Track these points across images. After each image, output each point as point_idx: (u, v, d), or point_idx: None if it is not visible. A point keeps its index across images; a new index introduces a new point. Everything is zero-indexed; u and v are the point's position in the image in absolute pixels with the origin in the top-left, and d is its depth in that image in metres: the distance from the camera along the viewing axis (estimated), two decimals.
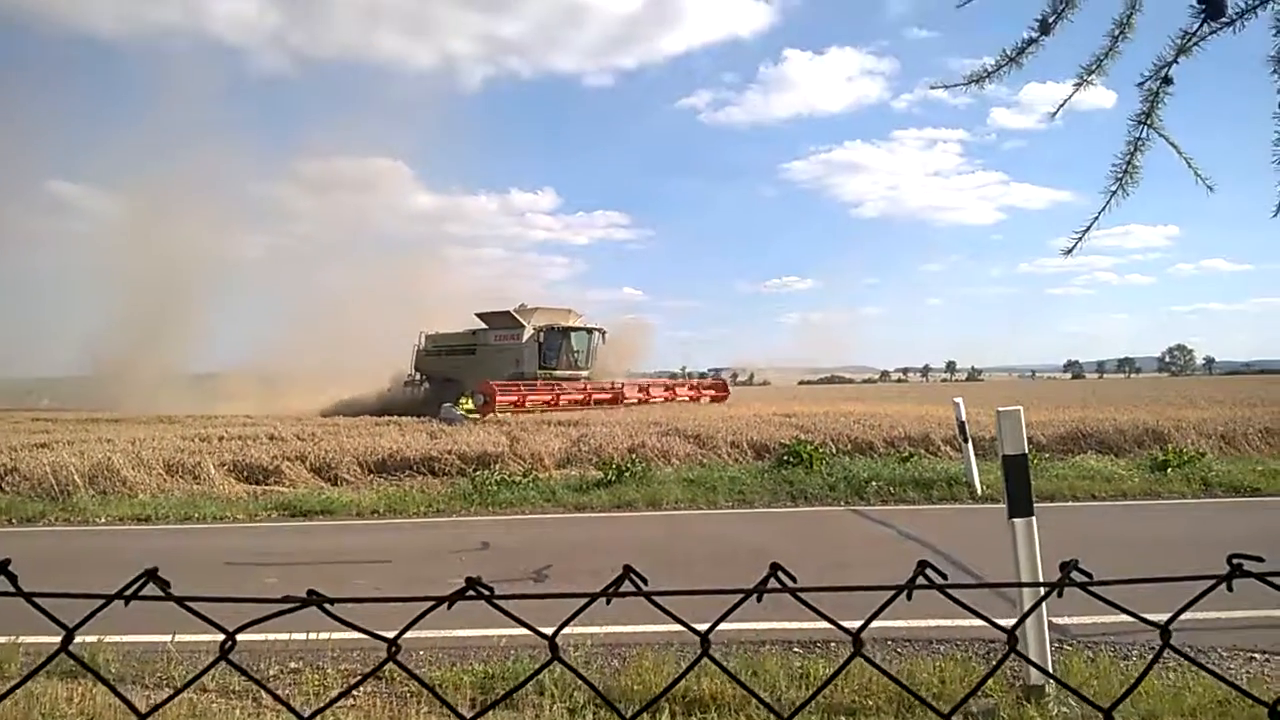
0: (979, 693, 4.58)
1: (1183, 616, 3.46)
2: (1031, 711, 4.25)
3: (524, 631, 0.98)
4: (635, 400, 32.27)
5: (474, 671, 5.06)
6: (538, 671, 1.10)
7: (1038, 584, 0.83)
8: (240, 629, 0.87)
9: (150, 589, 0.85)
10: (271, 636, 5.21)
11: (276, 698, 0.84)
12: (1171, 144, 2.12)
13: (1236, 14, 1.92)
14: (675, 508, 11.40)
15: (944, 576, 0.90)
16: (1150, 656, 1.04)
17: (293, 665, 5.23)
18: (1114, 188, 2.12)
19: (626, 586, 0.90)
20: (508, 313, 36.02)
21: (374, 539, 10.08)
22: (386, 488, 13.35)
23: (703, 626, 0.95)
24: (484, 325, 36.73)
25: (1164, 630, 0.88)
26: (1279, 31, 1.94)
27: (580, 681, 4.73)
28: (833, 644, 5.43)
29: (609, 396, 31.57)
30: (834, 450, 14.79)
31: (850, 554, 8.62)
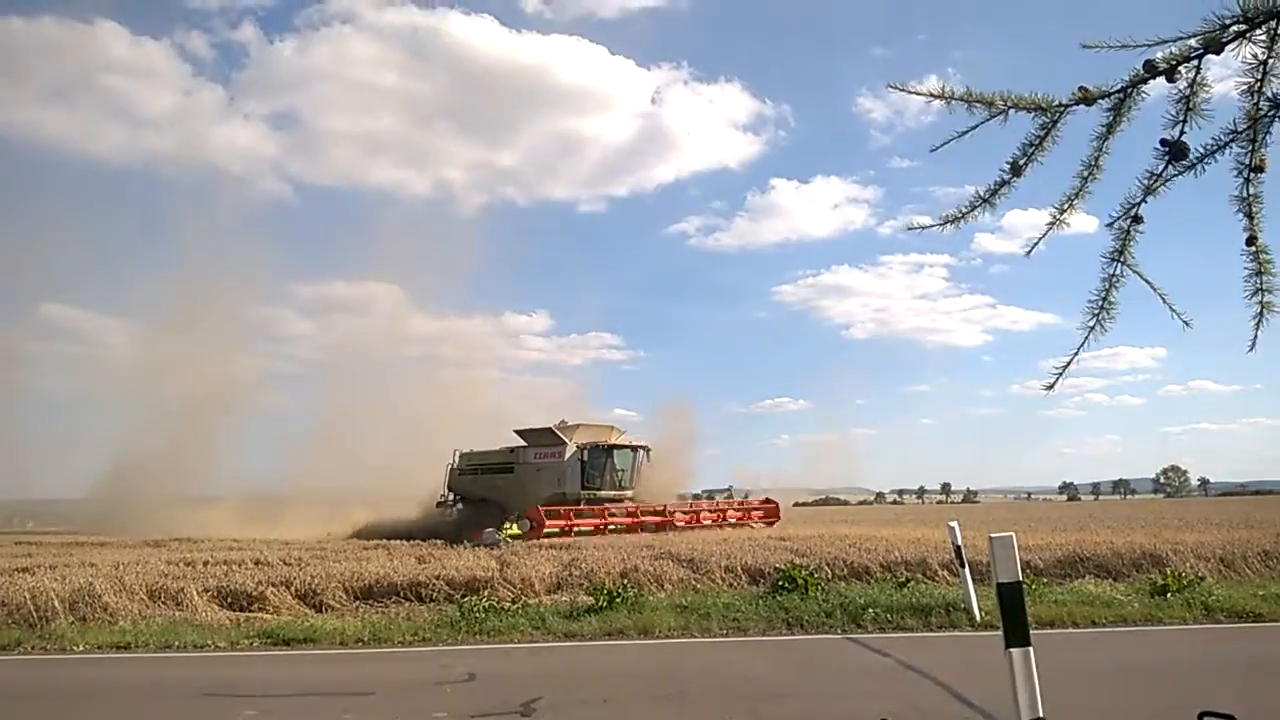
0: None
1: None
2: None
3: None
4: (684, 524, 30.34)
5: None
6: None
7: None
8: None
9: None
10: None
11: None
12: (1145, 280, 2.16)
13: (1198, 158, 2.00)
14: (668, 636, 11.12)
15: None
16: None
17: None
18: (1091, 323, 2.16)
19: None
20: (549, 430, 34.16)
21: (357, 670, 9.79)
22: (372, 615, 13.02)
23: None
24: (523, 443, 34.79)
25: None
26: (1239, 174, 2.01)
27: None
28: None
29: (657, 520, 29.83)
30: (830, 575, 14.55)
31: (848, 685, 8.37)
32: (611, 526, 28.20)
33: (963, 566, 11.49)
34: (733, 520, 32.54)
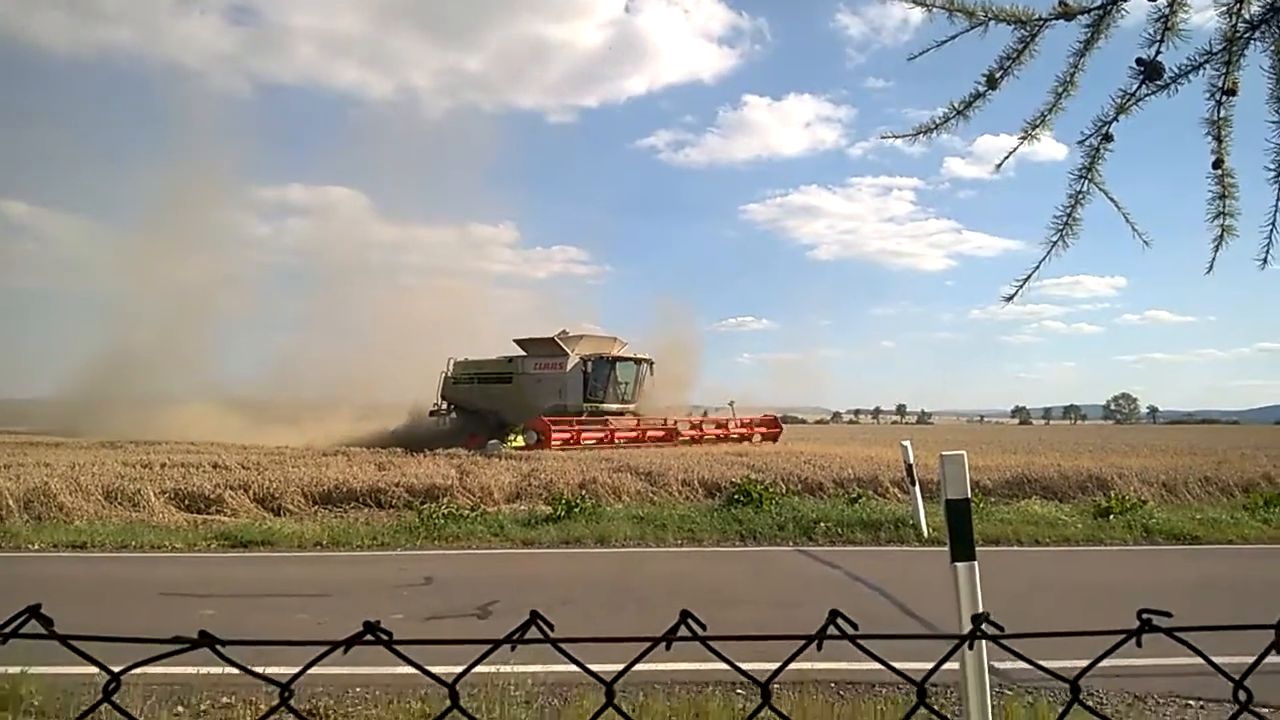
0: None
1: (1124, 663, 3.49)
2: None
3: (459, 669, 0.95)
4: (689, 439, 29.80)
5: (411, 711, 4.96)
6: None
7: (944, 636, 0.83)
8: (126, 670, 0.83)
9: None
10: (179, 670, 5.08)
11: None
12: (1111, 198, 2.17)
13: (1172, 78, 1.99)
14: (624, 545, 11.33)
15: (855, 626, 0.90)
16: (1083, 704, 1.04)
17: (204, 705, 5.09)
18: (1055, 239, 2.17)
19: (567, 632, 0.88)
20: (551, 340, 32.96)
21: (316, 572, 9.87)
22: (330, 519, 13.11)
23: (765, 666, 0.94)
24: (522, 352, 33.71)
25: (1073, 685, 0.88)
26: (1211, 96, 2.00)
27: None
28: (805, 684, 5.40)
29: (663, 434, 29.66)
30: (784, 490, 14.83)
31: (798, 594, 8.61)
32: (617, 439, 27.72)
33: (913, 484, 11.77)
34: (736, 436, 31.81)
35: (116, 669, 0.85)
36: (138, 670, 0.87)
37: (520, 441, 27.45)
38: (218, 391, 43.95)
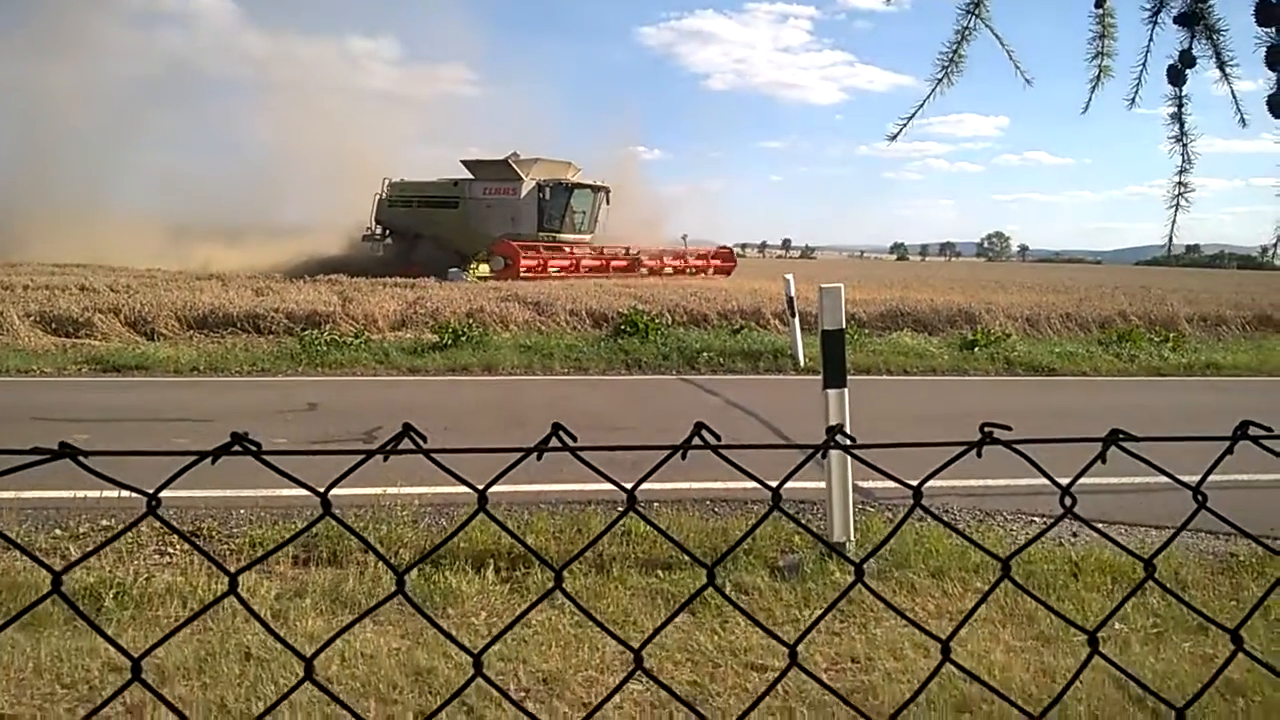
0: (788, 548, 4.90)
1: (977, 483, 3.79)
2: (832, 565, 4.58)
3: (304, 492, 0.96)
4: (647, 270, 28.74)
5: (293, 530, 5.02)
6: (307, 528, 1.10)
7: (803, 446, 0.89)
8: None
9: None
10: (53, 494, 5.02)
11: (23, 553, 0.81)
12: (995, 35, 2.18)
13: None
14: (511, 373, 11.43)
15: (718, 438, 0.95)
16: (925, 509, 1.14)
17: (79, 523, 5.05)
18: (939, 75, 2.18)
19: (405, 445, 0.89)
20: (504, 162, 30.05)
21: (194, 396, 9.68)
22: (207, 345, 12.74)
23: (628, 484, 0.97)
24: (469, 175, 30.84)
25: (916, 491, 0.96)
26: None
27: (409, 539, 4.76)
28: (683, 502, 5.65)
29: (625, 263, 28.44)
30: (670, 321, 15.07)
31: (677, 420, 8.84)
32: (582, 268, 26.84)
33: (793, 316, 12.13)
34: (691, 270, 30.89)
35: None
36: (10, 493, 0.86)
37: (485, 269, 26.21)
38: (107, 213, 40.47)
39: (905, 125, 2.26)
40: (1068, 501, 1.07)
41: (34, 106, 51.30)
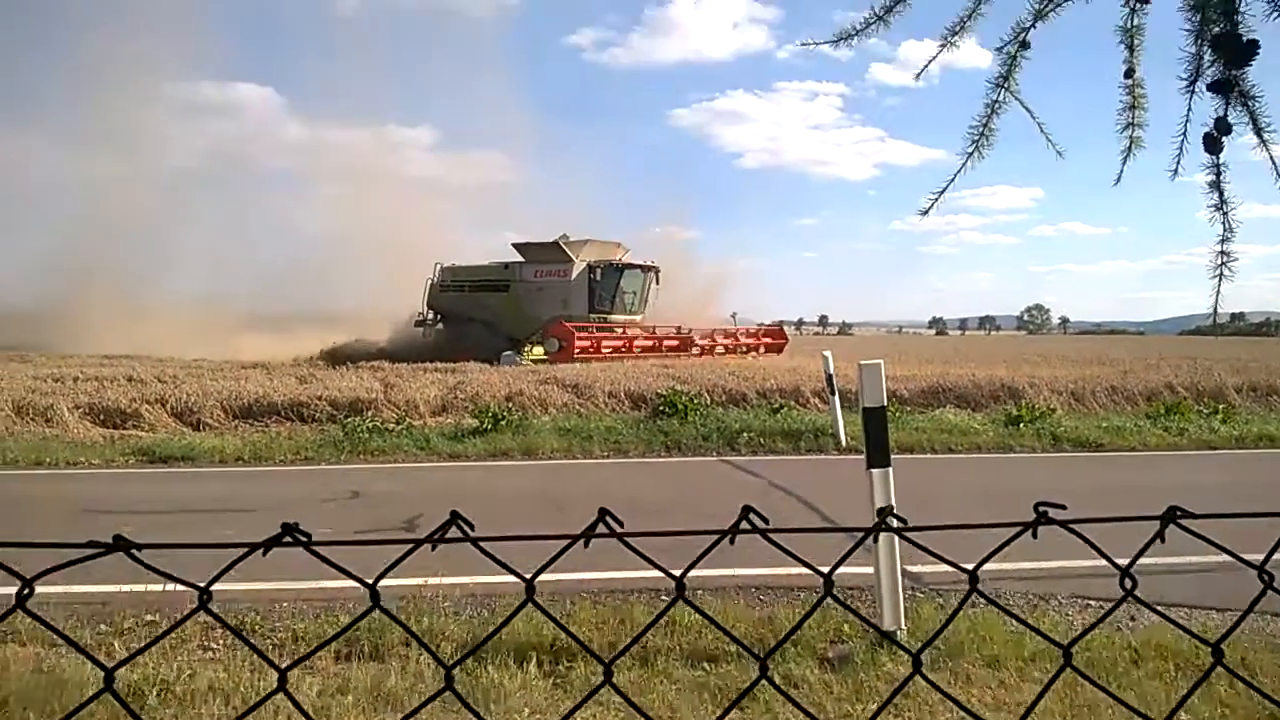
0: (837, 637, 4.77)
1: (1031, 565, 3.68)
2: (883, 655, 4.45)
3: (391, 580, 0.95)
4: (699, 351, 28.80)
5: (339, 624, 4.99)
6: (355, 621, 1.08)
7: (853, 529, 0.87)
8: (39, 576, 0.82)
9: None
10: (99, 588, 5.03)
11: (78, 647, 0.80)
12: (1025, 108, 2.19)
13: None
14: (551, 457, 11.42)
15: (766, 522, 0.93)
16: (981, 593, 1.10)
17: (128, 616, 5.05)
18: (970, 149, 2.19)
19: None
20: (555, 244, 30.30)
21: (238, 487, 9.76)
22: (252, 434, 12.90)
23: (676, 571, 0.96)
24: (520, 258, 31.08)
25: (972, 575, 0.93)
26: (1126, 3, 2.02)
27: (451, 632, 4.70)
28: (726, 589, 5.55)
29: (677, 343, 28.44)
30: (709, 401, 15.03)
31: (720, 503, 8.81)
32: (636, 348, 26.88)
33: (833, 394, 12.05)
34: (744, 349, 30.80)
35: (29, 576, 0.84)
36: (59, 587, 0.86)
37: (539, 352, 26.21)
38: (155, 303, 41.22)
39: (937, 199, 2.27)
40: (1128, 584, 1.03)
41: (83, 198, 53.12)
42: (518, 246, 31.46)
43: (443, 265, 33.01)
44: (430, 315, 32.98)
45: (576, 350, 24.95)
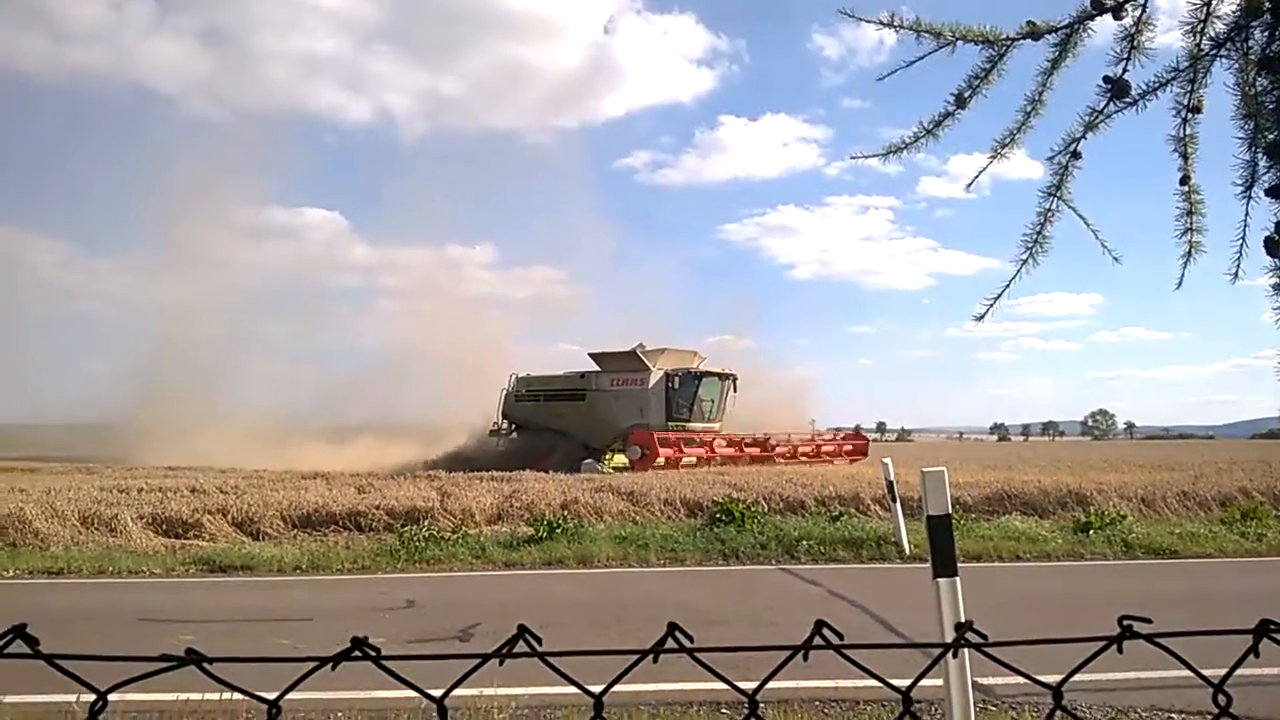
0: None
1: (1106, 676, 3.53)
2: None
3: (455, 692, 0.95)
4: (782, 459, 28.43)
5: None
6: None
7: (929, 645, 0.84)
8: (112, 689, 0.83)
9: (22, 647, 0.81)
10: (157, 696, 5.01)
11: None
12: (1079, 215, 2.21)
13: (1139, 95, 2.03)
14: (607, 565, 11.30)
15: (840, 637, 0.91)
16: (1067, 710, 1.05)
17: None
18: (1024, 256, 2.20)
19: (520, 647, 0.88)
20: (632, 353, 30.45)
21: (296, 596, 9.79)
22: (310, 543, 12.96)
23: (748, 686, 0.94)
24: (596, 368, 31.49)
25: (1056, 692, 0.89)
26: (1178, 113, 2.04)
27: None
28: (789, 703, 5.38)
29: (758, 450, 28.28)
30: (766, 509, 14.82)
31: (780, 614, 8.60)
32: (718, 456, 26.78)
33: (894, 501, 11.81)
34: (825, 456, 30.42)
35: (102, 688, 0.85)
36: (118, 695, 0.87)
37: (620, 460, 26.18)
38: (231, 418, 42.32)
39: (992, 305, 2.27)
40: (1221, 700, 0.98)
41: (154, 318, 55.24)
42: (594, 356, 31.74)
43: (518, 375, 33.31)
44: (505, 425, 33.19)
45: (660, 457, 24.78)
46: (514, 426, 33.12)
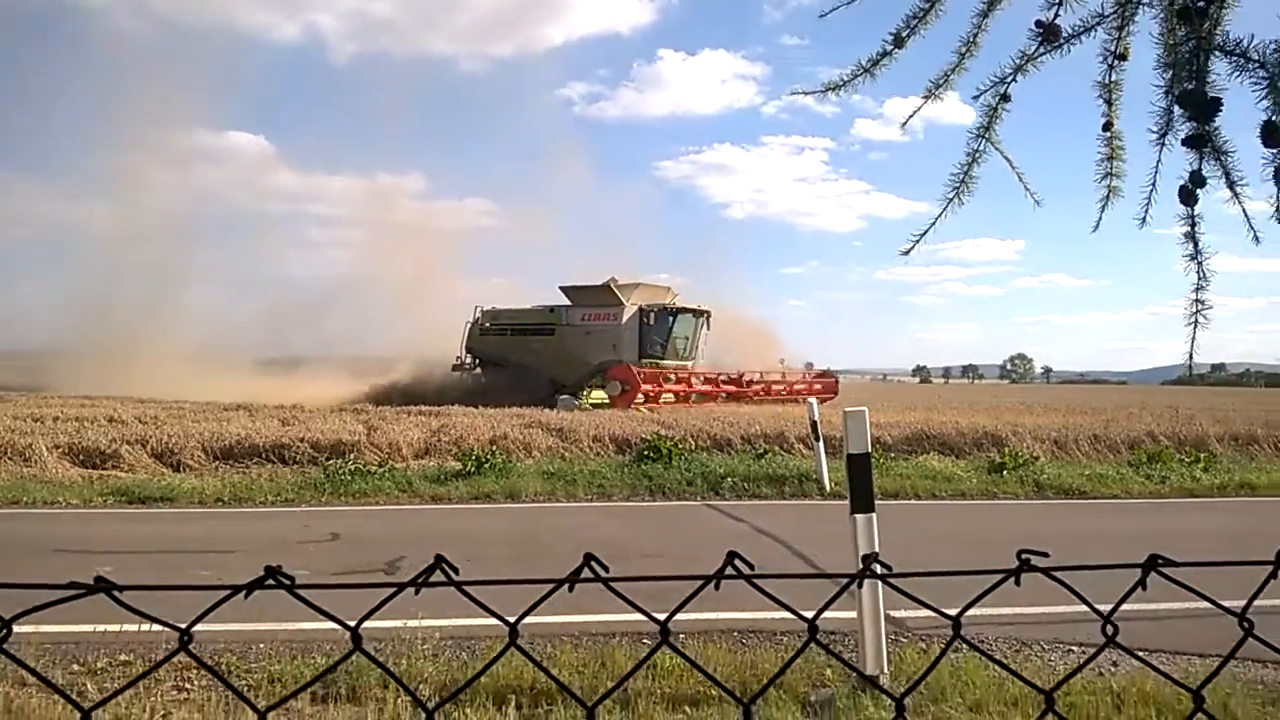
0: (819, 681, 4.74)
1: (1011, 610, 3.68)
2: (866, 700, 4.42)
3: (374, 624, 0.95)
4: (756, 395, 28.43)
5: (316, 666, 4.92)
6: (337, 664, 1.07)
7: (838, 575, 0.87)
8: (17, 617, 0.81)
9: None
10: (71, 628, 4.95)
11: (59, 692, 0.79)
12: (1005, 157, 2.23)
13: (1067, 38, 2.05)
14: (534, 500, 11.36)
15: (751, 567, 0.93)
16: (964, 639, 1.09)
17: (105, 659, 4.97)
18: (951, 195, 2.23)
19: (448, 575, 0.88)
20: (605, 287, 29.36)
21: (218, 528, 9.65)
22: (232, 475, 12.75)
23: (661, 615, 0.95)
24: (567, 301, 30.45)
25: (955, 621, 0.93)
26: (1104, 59, 2.07)
27: (429, 674, 4.63)
28: (709, 633, 5.51)
29: (734, 388, 28.16)
30: (693, 446, 15.00)
31: (704, 548, 8.76)
32: (695, 393, 26.72)
33: (817, 440, 12.05)
34: (797, 394, 29.86)
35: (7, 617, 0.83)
36: (30, 626, 0.85)
37: (599, 395, 25.74)
38: (147, 348, 40.78)
39: (919, 240, 2.30)
40: (1109, 630, 1.03)
41: (82, 243, 53.17)
42: (565, 289, 30.90)
43: (483, 308, 32.28)
44: (469, 359, 32.31)
45: (641, 393, 24.54)
46: (478, 361, 32.19)
